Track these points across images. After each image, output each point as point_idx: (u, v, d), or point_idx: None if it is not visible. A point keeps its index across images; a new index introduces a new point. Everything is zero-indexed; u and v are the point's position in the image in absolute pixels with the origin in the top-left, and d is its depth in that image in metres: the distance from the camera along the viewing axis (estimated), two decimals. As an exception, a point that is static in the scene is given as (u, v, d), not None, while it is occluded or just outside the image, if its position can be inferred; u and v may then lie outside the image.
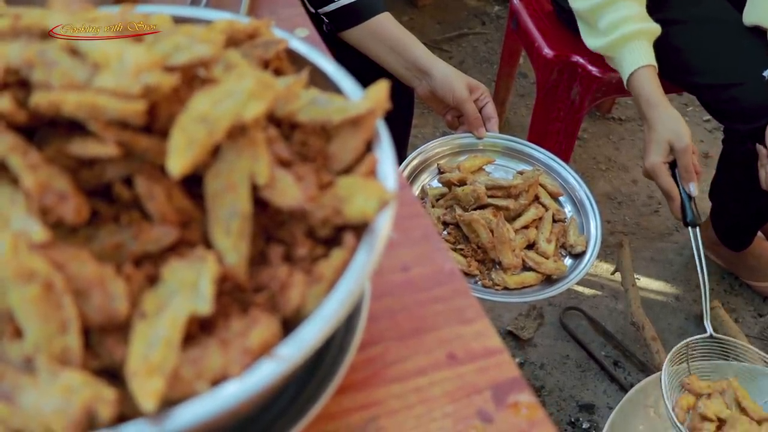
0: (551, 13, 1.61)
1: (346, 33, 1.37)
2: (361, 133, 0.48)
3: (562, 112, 1.58)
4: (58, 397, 0.36)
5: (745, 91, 1.36)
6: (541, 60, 1.56)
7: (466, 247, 1.24)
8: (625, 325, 1.76)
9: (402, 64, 1.35)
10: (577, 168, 2.12)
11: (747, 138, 1.40)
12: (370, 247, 0.44)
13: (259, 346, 0.39)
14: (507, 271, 1.21)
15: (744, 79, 1.35)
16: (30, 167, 0.40)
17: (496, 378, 0.53)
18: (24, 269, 0.36)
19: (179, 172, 0.40)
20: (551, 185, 1.35)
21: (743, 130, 1.39)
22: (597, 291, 1.85)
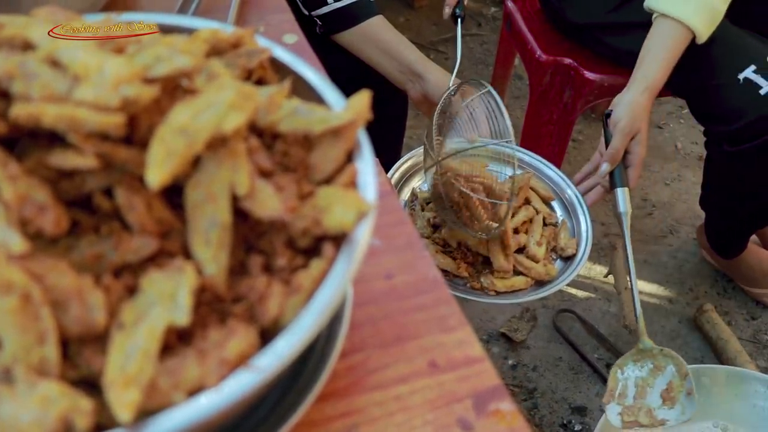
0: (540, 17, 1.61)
1: (338, 36, 1.38)
2: (342, 143, 0.48)
3: (554, 115, 1.59)
4: (36, 407, 0.36)
5: (723, 92, 1.36)
6: (534, 63, 1.57)
7: (456, 251, 1.24)
8: (618, 327, 1.76)
9: (395, 68, 1.36)
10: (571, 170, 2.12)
11: (724, 140, 1.41)
12: (348, 257, 0.44)
13: (236, 357, 0.39)
14: (497, 273, 1.22)
15: (721, 81, 1.36)
16: (9, 178, 0.40)
17: (477, 386, 0.53)
18: (2, 281, 0.36)
19: (158, 184, 0.40)
20: (543, 189, 1.36)
21: (721, 131, 1.40)
22: (590, 293, 1.85)
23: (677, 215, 2.06)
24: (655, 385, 1.18)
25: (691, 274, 1.91)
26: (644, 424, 1.16)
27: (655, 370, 1.20)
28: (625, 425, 1.16)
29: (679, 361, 1.19)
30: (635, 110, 1.25)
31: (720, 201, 1.62)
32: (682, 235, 2.00)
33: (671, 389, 1.17)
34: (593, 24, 1.46)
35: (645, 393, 1.18)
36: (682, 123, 2.37)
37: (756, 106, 1.32)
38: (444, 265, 1.24)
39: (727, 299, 1.85)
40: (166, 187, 0.44)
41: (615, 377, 1.21)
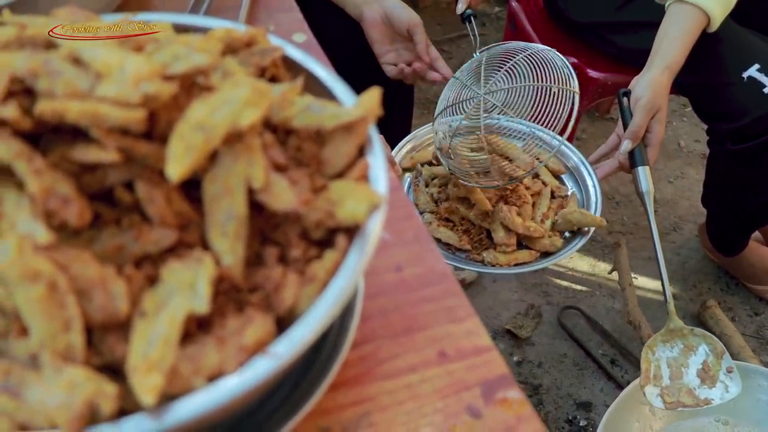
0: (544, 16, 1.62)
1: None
2: (354, 138, 0.50)
3: (559, 113, 1.60)
4: (62, 392, 0.37)
5: (726, 91, 1.38)
6: (539, 61, 1.58)
7: (458, 224, 1.28)
8: (622, 324, 1.78)
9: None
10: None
11: (727, 138, 1.42)
12: (361, 248, 0.45)
13: (254, 344, 0.41)
14: (499, 248, 1.25)
15: (725, 80, 1.37)
16: (35, 172, 0.41)
17: (485, 375, 0.55)
18: (29, 270, 0.38)
19: (178, 177, 0.42)
20: (553, 163, 1.38)
21: (725, 129, 1.41)
22: (595, 290, 1.86)
23: (681, 212, 2.07)
24: (689, 365, 1.19)
25: (695, 271, 1.92)
26: (688, 404, 1.15)
27: (686, 350, 1.20)
28: (668, 406, 1.16)
29: (713, 340, 1.20)
30: (656, 88, 1.25)
31: (722, 199, 1.63)
32: (685, 232, 2.01)
33: (708, 368, 1.18)
34: (598, 23, 1.47)
35: (681, 373, 1.18)
36: (685, 121, 2.38)
37: (760, 104, 1.33)
38: (446, 238, 1.27)
39: (730, 295, 1.86)
40: (185, 180, 0.45)
41: (647, 358, 1.21)
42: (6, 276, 0.38)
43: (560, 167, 1.39)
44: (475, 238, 1.32)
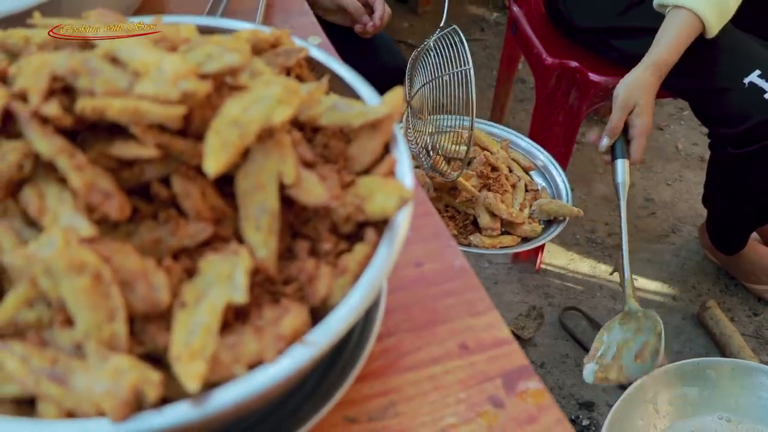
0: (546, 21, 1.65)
1: None
2: (380, 135, 0.51)
3: (561, 117, 1.62)
4: (108, 379, 0.39)
5: (728, 96, 1.40)
6: (540, 66, 1.60)
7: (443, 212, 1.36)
8: (623, 325, 1.79)
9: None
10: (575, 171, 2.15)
11: (728, 142, 1.45)
12: (390, 241, 0.47)
13: (291, 333, 0.42)
14: (485, 232, 1.37)
15: (727, 85, 1.40)
16: (77, 168, 0.43)
17: (505, 366, 0.56)
18: (75, 262, 0.39)
19: (215, 172, 0.43)
20: (523, 159, 1.53)
21: (726, 134, 1.44)
22: (595, 292, 1.88)
23: (679, 214, 2.09)
24: (633, 345, 1.23)
25: (694, 272, 1.94)
26: (612, 379, 1.21)
27: (637, 331, 1.24)
28: (597, 381, 1.22)
29: (655, 321, 1.23)
30: (633, 85, 1.32)
31: (722, 200, 1.65)
32: (684, 234, 2.03)
33: (645, 348, 1.21)
34: (601, 28, 1.49)
35: (622, 353, 1.22)
36: (683, 125, 2.41)
37: (760, 109, 1.36)
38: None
39: (729, 296, 1.88)
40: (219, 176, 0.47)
41: (600, 339, 1.27)
42: (53, 267, 0.39)
43: (530, 164, 1.53)
44: (460, 224, 1.43)
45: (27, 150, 0.43)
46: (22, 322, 0.42)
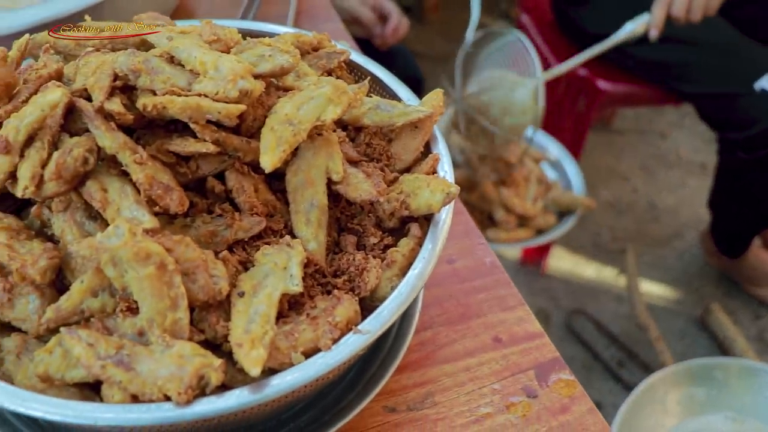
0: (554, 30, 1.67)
1: None
2: (422, 135, 0.53)
3: (569, 124, 1.64)
4: (173, 364, 0.40)
5: (737, 101, 1.42)
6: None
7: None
8: (629, 327, 1.81)
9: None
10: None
11: (738, 147, 1.47)
12: (434, 236, 0.49)
13: (345, 322, 0.44)
14: (501, 226, 1.44)
15: (736, 90, 1.42)
16: (139, 163, 0.44)
17: (538, 358, 0.58)
18: (142, 251, 0.40)
19: (272, 167, 0.45)
20: (533, 151, 1.56)
21: (735, 138, 1.46)
22: (601, 295, 1.90)
23: (682, 220, 2.11)
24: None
25: (697, 276, 1.96)
26: None
27: None
28: None
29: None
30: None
31: (729, 203, 1.67)
32: (687, 239, 2.06)
33: None
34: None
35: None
36: (684, 132, 2.43)
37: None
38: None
39: (732, 300, 1.90)
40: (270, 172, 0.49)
41: None
42: (120, 257, 0.41)
43: (540, 154, 1.58)
44: (476, 219, 1.47)
45: (91, 145, 0.45)
46: (87, 310, 0.43)
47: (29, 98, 0.48)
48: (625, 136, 2.37)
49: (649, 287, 1.92)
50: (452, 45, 2.71)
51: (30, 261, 0.43)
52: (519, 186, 1.50)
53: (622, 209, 2.15)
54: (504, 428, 0.54)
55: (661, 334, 1.74)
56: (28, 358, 0.44)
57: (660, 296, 1.92)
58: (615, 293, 1.91)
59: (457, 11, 2.71)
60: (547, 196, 1.51)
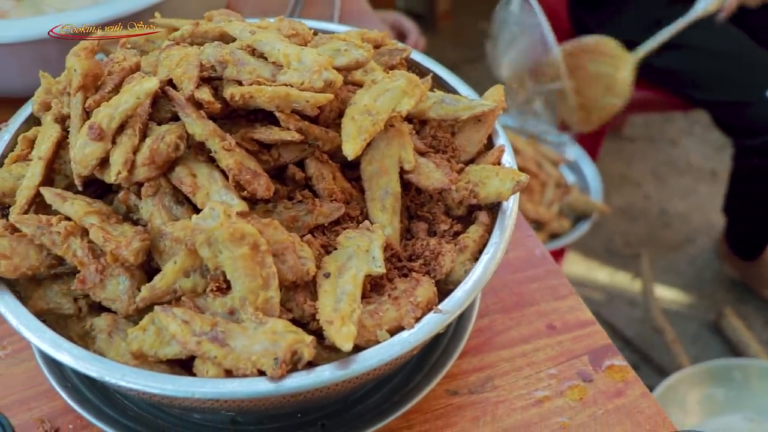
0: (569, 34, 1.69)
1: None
2: (485, 128, 0.55)
3: (585, 129, 1.67)
4: (266, 340, 0.42)
5: (751, 107, 1.46)
6: (564, 78, 1.65)
7: None
8: (642, 330, 1.83)
9: None
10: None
11: (753, 153, 1.50)
12: (502, 222, 0.51)
13: (425, 302, 0.46)
14: None
15: (750, 98, 1.46)
16: (227, 149, 0.47)
17: (591, 345, 0.60)
18: (237, 232, 0.42)
19: (354, 154, 0.47)
20: (551, 153, 1.57)
21: (750, 145, 1.50)
22: (614, 299, 1.92)
23: (694, 226, 2.14)
24: None
25: (710, 281, 1.98)
26: None
27: None
28: None
29: None
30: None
31: (745, 207, 1.70)
32: (699, 244, 2.08)
33: None
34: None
35: None
36: (694, 139, 2.46)
37: None
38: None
39: (744, 304, 1.92)
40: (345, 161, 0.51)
41: None
42: (215, 237, 0.43)
43: (559, 157, 1.59)
44: None
45: (181, 132, 0.47)
46: (179, 289, 0.45)
47: (114, 89, 0.50)
48: (636, 144, 2.40)
49: (662, 292, 1.95)
50: (463, 53, 2.75)
51: (124, 243, 0.45)
52: (534, 192, 1.51)
53: (634, 215, 2.18)
54: (562, 411, 0.56)
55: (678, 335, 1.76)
56: (120, 336, 0.46)
57: (673, 300, 1.94)
58: (628, 297, 1.93)
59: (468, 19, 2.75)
60: (564, 199, 1.52)
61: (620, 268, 2.01)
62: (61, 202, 0.48)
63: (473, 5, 2.75)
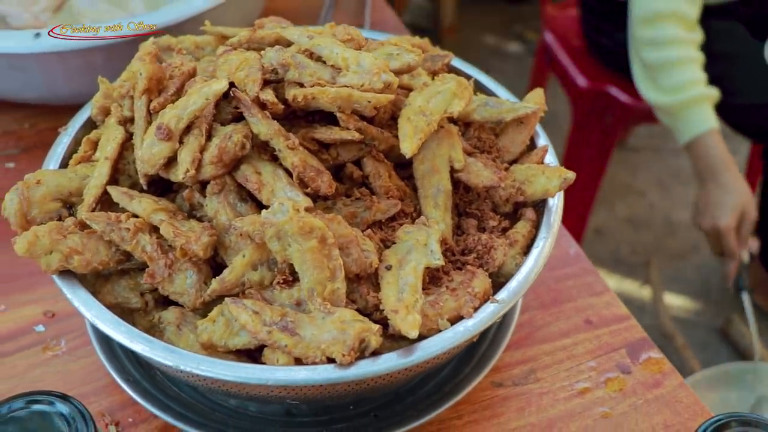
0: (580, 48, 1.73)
1: None
2: (527, 129, 0.58)
3: (594, 139, 1.69)
4: (335, 329, 0.44)
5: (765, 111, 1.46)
6: (575, 90, 1.68)
7: None
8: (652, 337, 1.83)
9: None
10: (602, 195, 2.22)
11: None
12: (548, 219, 0.53)
13: (482, 293, 0.48)
14: None
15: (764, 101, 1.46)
16: (291, 148, 0.49)
17: (628, 339, 0.62)
18: (305, 226, 0.44)
19: (411, 152, 0.49)
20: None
21: None
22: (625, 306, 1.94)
23: (698, 234, 2.17)
24: None
25: (716, 288, 2.01)
26: None
27: None
28: None
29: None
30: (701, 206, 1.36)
31: None
32: (704, 253, 2.11)
33: None
34: None
35: None
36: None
37: None
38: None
39: (753, 316, 1.95)
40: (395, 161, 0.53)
41: None
42: (285, 231, 0.45)
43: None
44: None
45: (247, 131, 0.49)
46: (247, 282, 0.47)
47: (176, 92, 0.53)
48: (640, 154, 2.43)
49: (669, 299, 1.97)
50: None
51: (193, 238, 0.47)
52: None
53: (639, 224, 2.20)
54: (603, 401, 0.58)
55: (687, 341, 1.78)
56: (188, 328, 0.48)
57: (680, 307, 1.97)
58: (636, 305, 1.95)
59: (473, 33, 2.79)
60: None
61: (627, 276, 2.03)
62: (129, 200, 0.50)
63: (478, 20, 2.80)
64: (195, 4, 0.73)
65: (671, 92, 1.30)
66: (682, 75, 1.29)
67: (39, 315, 0.63)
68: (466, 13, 2.90)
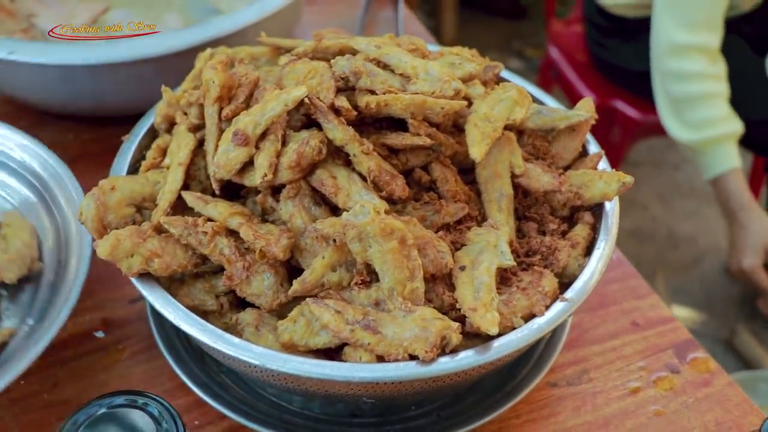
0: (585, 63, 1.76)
1: None
2: (579, 137, 0.60)
3: (602, 152, 1.72)
4: (417, 327, 0.45)
5: None
6: (580, 104, 1.71)
7: None
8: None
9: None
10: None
11: None
12: (606, 222, 0.55)
13: (552, 292, 0.50)
14: None
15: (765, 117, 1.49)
16: (366, 153, 0.50)
17: (674, 340, 0.64)
18: (386, 227, 0.46)
19: (480, 157, 0.51)
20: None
21: None
22: (624, 320, 1.97)
23: (701, 247, 2.20)
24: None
25: (719, 300, 2.04)
26: None
27: None
28: None
29: None
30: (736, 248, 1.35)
31: None
32: (707, 265, 2.14)
33: None
34: None
35: None
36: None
37: None
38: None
39: (754, 322, 1.98)
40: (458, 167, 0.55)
41: None
42: (366, 232, 0.46)
43: None
44: None
45: (322, 137, 0.50)
46: (327, 283, 0.49)
47: (245, 100, 0.54)
48: (641, 168, 2.47)
49: (676, 311, 2.00)
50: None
51: (273, 240, 0.49)
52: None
53: (643, 237, 2.24)
54: (655, 400, 0.59)
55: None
56: (266, 329, 0.50)
57: (686, 318, 1.99)
58: (642, 316, 1.98)
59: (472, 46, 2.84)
60: None
61: (633, 288, 2.06)
62: (204, 204, 0.51)
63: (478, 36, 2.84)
64: (243, 16, 0.75)
65: (695, 128, 1.29)
66: (706, 111, 1.28)
67: (96, 321, 0.64)
68: (466, 29, 2.95)
